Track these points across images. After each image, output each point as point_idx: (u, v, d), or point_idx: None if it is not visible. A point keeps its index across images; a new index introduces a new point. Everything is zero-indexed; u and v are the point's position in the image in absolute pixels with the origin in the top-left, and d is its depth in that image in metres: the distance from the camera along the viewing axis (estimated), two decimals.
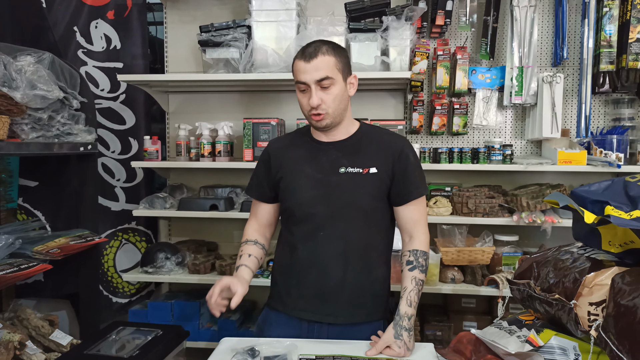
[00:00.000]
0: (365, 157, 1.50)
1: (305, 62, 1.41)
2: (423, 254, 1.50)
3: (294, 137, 1.64)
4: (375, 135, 1.57)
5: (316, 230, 1.50)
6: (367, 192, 1.49)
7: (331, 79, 1.42)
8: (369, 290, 1.53)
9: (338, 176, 1.49)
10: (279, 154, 1.59)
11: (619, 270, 1.02)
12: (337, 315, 1.51)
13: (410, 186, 1.51)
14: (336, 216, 1.48)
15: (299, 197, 1.52)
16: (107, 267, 2.92)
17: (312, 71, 1.40)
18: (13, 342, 1.79)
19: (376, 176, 1.49)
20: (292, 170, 1.54)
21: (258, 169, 1.64)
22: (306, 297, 1.52)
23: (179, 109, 2.93)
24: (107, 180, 2.92)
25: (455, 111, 2.63)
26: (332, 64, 1.43)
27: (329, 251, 1.49)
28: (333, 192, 1.48)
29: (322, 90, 1.42)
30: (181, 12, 2.87)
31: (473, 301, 2.65)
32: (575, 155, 2.40)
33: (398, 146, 1.52)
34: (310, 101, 1.42)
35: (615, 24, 2.47)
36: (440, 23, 2.56)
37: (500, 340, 1.17)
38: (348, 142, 1.54)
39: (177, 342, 1.83)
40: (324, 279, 1.50)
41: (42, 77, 1.94)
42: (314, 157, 1.53)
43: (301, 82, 1.43)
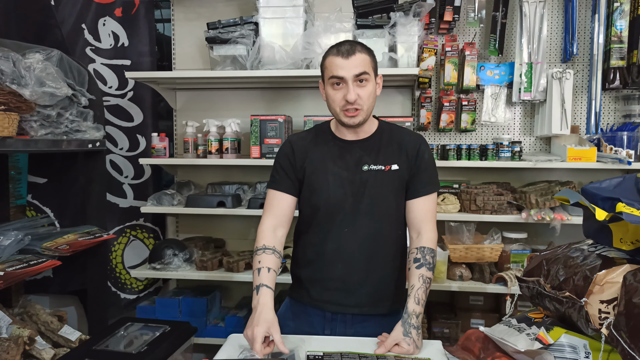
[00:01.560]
0: (387, 155, 1.55)
1: (343, 58, 1.43)
2: (430, 251, 1.51)
3: (315, 134, 1.64)
4: (395, 133, 1.60)
5: (342, 227, 1.52)
6: (390, 189, 1.53)
7: (368, 74, 1.45)
8: (392, 282, 1.58)
9: (362, 174, 1.53)
10: (302, 149, 1.59)
11: (631, 268, 1.01)
12: (362, 307, 1.55)
13: (422, 181, 1.55)
14: (362, 212, 1.52)
15: (326, 195, 1.53)
16: (115, 263, 2.94)
17: (351, 67, 1.43)
18: (23, 338, 1.81)
19: (397, 173, 1.53)
20: (317, 167, 1.55)
21: (281, 163, 1.60)
22: (331, 290, 1.55)
23: (187, 106, 2.94)
24: (115, 177, 2.93)
25: (463, 108, 2.62)
26: (368, 62, 1.47)
27: (355, 246, 1.52)
28: (358, 190, 1.52)
29: (358, 86, 1.45)
30: (188, 9, 2.87)
31: (481, 299, 2.64)
32: (585, 152, 2.38)
33: (416, 144, 1.56)
34: (348, 96, 1.43)
35: (627, 19, 2.45)
36: (448, 19, 2.54)
37: (510, 338, 1.16)
38: (371, 141, 1.57)
39: (184, 338, 1.84)
40: (350, 273, 1.53)
41: (50, 74, 1.95)
42: (339, 155, 1.56)
43: (338, 77, 1.44)
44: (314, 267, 1.57)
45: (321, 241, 1.56)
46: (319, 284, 1.57)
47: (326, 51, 1.51)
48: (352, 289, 1.54)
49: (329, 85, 1.48)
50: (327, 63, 1.48)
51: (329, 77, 1.47)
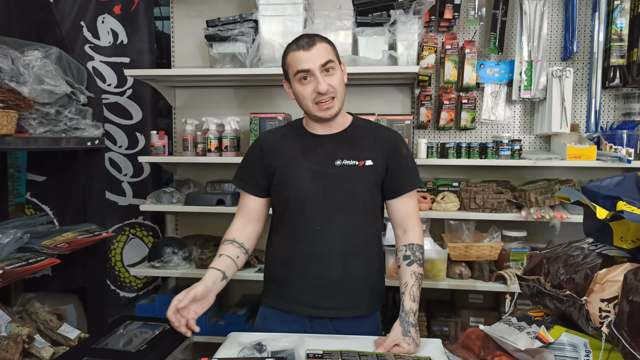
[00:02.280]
0: (361, 150, 1.51)
1: (305, 51, 1.40)
2: (419, 247, 1.50)
3: (287, 130, 1.61)
4: (370, 129, 1.57)
5: (315, 223, 1.48)
6: (363, 184, 1.49)
7: (333, 62, 1.43)
8: (368, 282, 1.54)
9: (335, 168, 1.48)
10: (272, 145, 1.55)
11: (632, 266, 1.01)
12: (338, 309, 1.50)
13: (403, 179, 1.52)
14: (335, 208, 1.48)
15: (296, 189, 1.49)
16: (114, 261, 2.94)
17: (315, 58, 1.40)
18: (22, 336, 1.80)
19: (372, 168, 1.50)
20: (287, 163, 1.51)
21: (249, 161, 1.58)
22: (307, 291, 1.50)
23: (186, 104, 2.93)
24: (114, 175, 2.93)
25: (463, 106, 2.62)
26: (330, 50, 1.45)
27: (329, 243, 1.48)
28: (331, 184, 1.48)
29: (327, 76, 1.42)
30: (188, 6, 2.87)
31: (480, 297, 2.64)
32: (585, 150, 2.38)
33: (392, 140, 1.53)
34: (320, 87, 1.40)
35: (627, 17, 2.44)
36: (448, 17, 2.53)
37: (510, 337, 1.16)
38: (344, 135, 1.53)
39: (184, 337, 1.83)
40: (325, 271, 1.48)
41: (49, 72, 1.94)
42: (310, 149, 1.52)
43: (303, 71, 1.41)
44: (288, 266, 1.52)
45: (293, 238, 1.51)
46: (293, 284, 1.51)
47: (285, 49, 1.48)
48: (329, 288, 1.49)
49: (296, 81, 1.44)
50: (289, 60, 1.45)
51: (294, 74, 1.43)
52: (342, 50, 2.39)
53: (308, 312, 1.51)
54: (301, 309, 1.51)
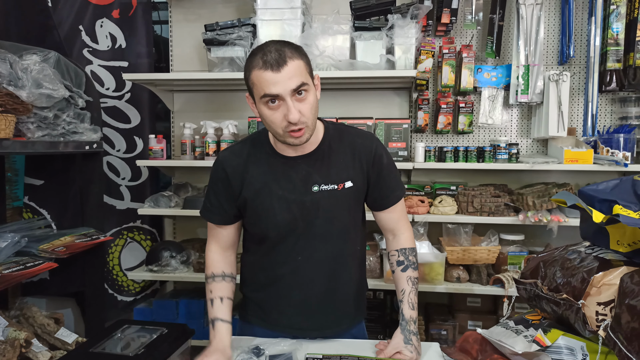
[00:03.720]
0: (339, 169, 1.37)
1: (273, 72, 1.18)
2: (411, 250, 1.46)
3: (251, 149, 1.40)
4: (346, 139, 1.41)
5: (295, 254, 1.40)
6: (345, 207, 1.39)
7: (306, 84, 1.22)
8: (352, 296, 1.49)
9: (312, 195, 1.35)
10: (237, 170, 1.37)
11: (628, 269, 1.02)
12: (323, 329, 1.47)
13: (386, 190, 1.43)
14: (316, 236, 1.38)
15: (273, 222, 1.37)
16: (112, 265, 2.93)
17: (285, 81, 1.18)
18: (19, 340, 1.80)
19: (352, 189, 1.38)
20: (259, 192, 1.36)
21: (215, 189, 1.41)
22: (289, 315, 1.45)
23: (184, 108, 2.93)
24: (112, 179, 2.93)
25: (460, 110, 2.62)
26: (303, 68, 1.23)
27: (312, 271, 1.41)
28: (309, 213, 1.36)
29: (298, 101, 1.22)
30: (186, 10, 2.87)
31: (478, 300, 2.64)
32: (582, 154, 2.39)
33: (371, 149, 1.40)
34: (290, 117, 1.19)
35: (623, 22, 2.46)
36: (445, 21, 2.55)
37: (507, 340, 1.16)
38: (318, 154, 1.37)
39: (182, 341, 1.83)
40: (308, 298, 1.43)
41: (47, 75, 1.94)
42: (282, 174, 1.36)
43: (271, 95, 1.19)
44: (268, 292, 1.45)
45: (273, 267, 1.43)
46: (274, 309, 1.46)
47: (248, 59, 1.25)
48: (312, 312, 1.44)
49: (262, 104, 1.23)
50: (254, 78, 1.22)
51: (260, 96, 1.21)
52: (339, 54, 2.41)
53: (290, 332, 1.46)
54: (284, 329, 1.46)
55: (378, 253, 2.51)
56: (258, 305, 1.49)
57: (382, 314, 2.69)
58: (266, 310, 1.48)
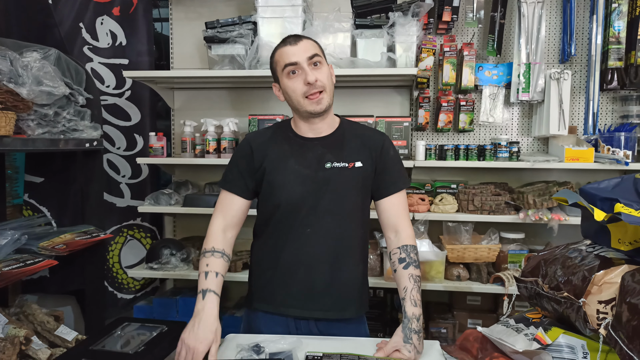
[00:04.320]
0: (350, 152, 1.51)
1: (292, 45, 1.43)
2: (413, 248, 1.48)
3: (275, 132, 1.58)
4: (358, 130, 1.57)
5: (303, 227, 1.47)
6: (354, 186, 1.49)
7: (320, 56, 1.45)
8: (355, 285, 1.53)
9: (325, 171, 1.48)
10: (261, 147, 1.53)
11: (629, 268, 1.01)
12: (326, 310, 1.50)
13: (390, 179, 1.52)
14: (324, 212, 1.47)
15: (286, 193, 1.47)
16: (112, 263, 2.93)
17: (302, 51, 1.42)
18: (19, 338, 1.80)
19: (361, 169, 1.50)
20: (277, 166, 1.50)
21: (237, 163, 1.55)
22: (294, 294, 1.49)
23: (184, 106, 2.93)
24: (113, 177, 2.93)
25: (461, 108, 2.62)
26: (317, 47, 1.48)
27: (317, 248, 1.47)
28: (320, 188, 1.47)
29: (314, 69, 1.43)
30: (187, 8, 2.87)
31: (478, 299, 2.64)
32: (583, 152, 2.38)
33: (379, 141, 1.54)
34: (308, 78, 1.40)
35: (625, 20, 2.45)
36: (447, 19, 2.54)
37: (508, 338, 1.16)
38: (332, 138, 1.53)
39: None
40: (313, 276, 1.48)
41: (48, 73, 1.94)
42: (299, 152, 1.50)
43: (291, 64, 1.42)
44: (274, 269, 1.51)
45: (282, 243, 1.50)
46: (280, 287, 1.50)
47: (273, 50, 1.50)
48: (316, 291, 1.48)
49: (285, 77, 1.45)
50: (276, 57, 1.47)
51: (282, 68, 1.44)
52: (340, 52, 2.41)
53: (295, 312, 1.51)
54: (288, 310, 1.51)
55: (378, 251, 2.51)
56: (264, 288, 1.54)
57: (383, 312, 2.69)
58: (272, 291, 1.52)
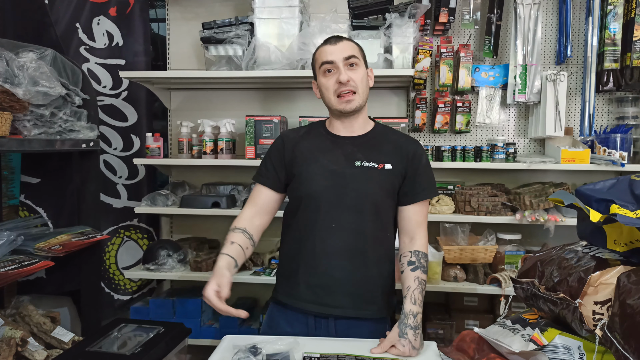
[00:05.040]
0: (381, 154, 1.53)
1: (331, 45, 1.48)
2: (424, 255, 1.51)
3: (309, 129, 1.64)
4: (391, 135, 1.59)
5: (328, 221, 1.49)
6: (381, 187, 1.50)
7: (357, 58, 1.49)
8: (378, 285, 1.53)
9: (353, 169, 1.50)
10: (293, 142, 1.59)
11: (625, 269, 1.02)
12: (344, 307, 1.50)
13: (418, 187, 1.53)
14: (349, 208, 1.49)
15: (312, 186, 1.51)
16: (108, 264, 2.92)
17: (339, 51, 1.46)
18: (15, 339, 1.79)
19: (390, 172, 1.51)
20: (306, 159, 1.54)
21: (270, 156, 1.61)
22: (315, 288, 1.51)
23: (181, 106, 2.93)
24: (109, 177, 2.92)
25: (458, 109, 2.63)
26: (357, 49, 1.51)
27: (340, 242, 1.49)
28: (347, 184, 1.49)
29: (349, 70, 1.47)
30: (184, 8, 2.87)
31: (475, 300, 2.64)
32: (579, 153, 2.39)
33: (412, 147, 1.55)
34: (341, 77, 1.45)
35: (620, 22, 2.46)
36: (443, 20, 2.55)
37: (504, 339, 1.16)
38: (364, 138, 1.56)
39: (179, 340, 1.83)
40: (334, 270, 1.49)
41: (44, 73, 1.94)
42: (330, 149, 1.54)
43: (328, 62, 1.47)
44: (298, 262, 1.53)
45: (305, 235, 1.52)
46: (302, 280, 1.52)
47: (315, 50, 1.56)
48: (335, 286, 1.49)
49: (321, 75, 1.50)
50: (316, 55, 1.53)
51: (319, 66, 1.50)
52: None
53: (314, 308, 1.51)
54: (308, 305, 1.52)
55: None
56: (288, 280, 1.56)
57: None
58: (295, 283, 1.53)
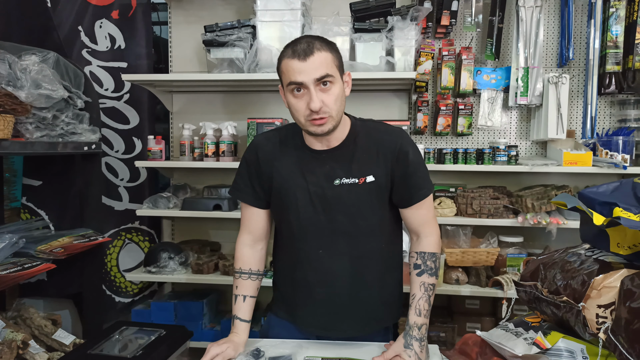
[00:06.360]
0: (362, 164, 1.38)
1: (300, 60, 1.23)
2: (431, 255, 1.41)
3: (284, 138, 1.46)
4: (372, 134, 1.42)
5: (317, 248, 1.41)
6: (366, 203, 1.39)
7: (331, 76, 1.26)
8: (381, 299, 1.47)
9: (333, 189, 1.37)
10: (269, 156, 1.43)
11: (628, 272, 1.02)
12: (348, 330, 1.46)
13: (412, 189, 1.40)
14: (337, 232, 1.40)
15: (295, 213, 1.40)
16: (110, 266, 2.92)
17: (310, 70, 1.23)
18: (16, 342, 1.79)
19: (374, 184, 1.38)
20: (285, 180, 1.41)
21: (247, 170, 1.46)
22: (316, 314, 1.45)
23: (183, 109, 2.93)
24: (111, 180, 2.92)
25: (460, 112, 2.62)
26: (330, 61, 1.27)
27: (334, 268, 1.41)
28: (331, 207, 1.38)
29: (322, 91, 1.26)
30: (186, 12, 2.87)
31: (477, 302, 2.64)
32: (581, 156, 2.39)
33: (396, 145, 1.38)
34: (312, 105, 1.24)
35: (622, 25, 2.46)
36: (445, 23, 2.55)
37: (507, 343, 1.16)
38: (343, 149, 1.40)
39: (180, 342, 1.83)
40: (333, 296, 1.43)
41: (46, 76, 1.94)
42: (308, 167, 1.40)
43: (296, 83, 1.25)
44: (294, 289, 1.47)
45: (297, 262, 1.44)
46: (300, 306, 1.46)
47: (281, 51, 1.30)
48: (338, 312, 1.44)
49: (289, 92, 1.29)
50: (282, 67, 1.29)
51: (287, 84, 1.28)
52: None
53: (316, 332, 1.48)
54: (308, 328, 1.48)
55: None
56: (287, 301, 1.51)
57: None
58: (294, 307, 1.49)
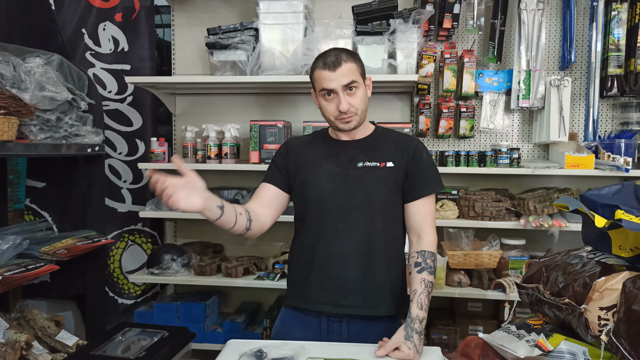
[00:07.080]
0: (382, 153, 1.57)
1: (330, 71, 1.48)
2: (431, 254, 1.51)
3: (312, 137, 1.70)
4: (391, 135, 1.64)
5: (336, 223, 1.52)
6: (384, 184, 1.53)
7: (356, 82, 1.50)
8: (389, 284, 1.55)
9: (356, 170, 1.54)
10: (297, 148, 1.64)
11: (630, 274, 1.02)
12: (358, 307, 1.52)
13: (421, 182, 1.55)
14: (355, 208, 1.52)
15: (317, 190, 1.55)
16: (113, 268, 2.93)
17: (339, 78, 1.48)
18: (20, 342, 1.80)
19: (393, 170, 1.55)
20: (309, 165, 1.59)
21: (275, 160, 1.66)
22: (327, 290, 1.53)
23: (186, 111, 2.94)
24: (114, 182, 2.93)
25: (462, 114, 2.63)
26: (355, 69, 1.51)
27: (350, 244, 1.52)
28: (351, 185, 1.53)
29: (349, 95, 1.50)
30: (189, 14, 2.88)
31: (479, 305, 2.64)
32: (583, 159, 2.39)
33: (413, 145, 1.59)
34: (341, 107, 1.49)
35: (624, 28, 2.47)
36: (447, 26, 2.55)
37: (509, 345, 1.16)
38: (365, 140, 1.61)
39: (183, 344, 1.83)
40: (346, 271, 1.51)
41: (50, 78, 1.95)
42: (332, 153, 1.59)
43: (327, 90, 1.49)
44: (309, 268, 1.55)
45: (315, 239, 1.55)
46: (314, 284, 1.54)
47: (313, 62, 1.55)
48: (349, 287, 1.52)
49: (321, 96, 1.53)
50: (315, 76, 1.53)
51: (319, 90, 1.53)
52: None
53: (329, 309, 1.53)
54: (322, 307, 1.54)
55: None
56: (300, 286, 1.58)
57: None
58: (307, 288, 1.56)
